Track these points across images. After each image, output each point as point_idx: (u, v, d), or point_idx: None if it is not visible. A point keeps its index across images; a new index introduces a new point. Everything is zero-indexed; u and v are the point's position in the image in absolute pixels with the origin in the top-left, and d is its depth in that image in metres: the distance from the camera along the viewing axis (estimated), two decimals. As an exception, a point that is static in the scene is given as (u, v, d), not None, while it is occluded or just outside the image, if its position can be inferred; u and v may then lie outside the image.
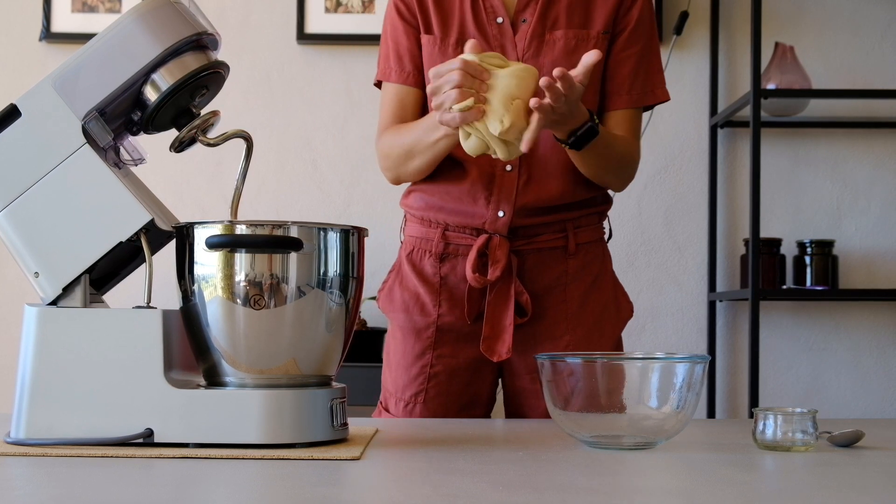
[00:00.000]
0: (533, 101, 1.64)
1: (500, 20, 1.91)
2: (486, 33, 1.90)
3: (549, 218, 1.92)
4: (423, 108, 1.96)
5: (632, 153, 1.95)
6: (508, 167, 1.90)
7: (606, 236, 2.04)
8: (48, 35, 3.59)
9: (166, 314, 1.38)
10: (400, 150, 1.90)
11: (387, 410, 1.97)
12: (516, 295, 1.90)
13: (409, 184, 2.01)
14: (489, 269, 1.89)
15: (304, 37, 3.60)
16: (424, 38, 1.93)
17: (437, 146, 1.83)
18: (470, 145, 1.70)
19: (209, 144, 1.49)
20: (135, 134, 1.53)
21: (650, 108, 2.00)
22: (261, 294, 1.35)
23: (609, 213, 2.04)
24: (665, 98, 1.98)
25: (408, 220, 2.02)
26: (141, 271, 1.46)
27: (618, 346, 2.00)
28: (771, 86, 3.46)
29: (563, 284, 1.94)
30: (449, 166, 1.92)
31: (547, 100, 1.65)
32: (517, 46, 1.89)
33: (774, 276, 3.47)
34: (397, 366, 1.97)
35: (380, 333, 3.39)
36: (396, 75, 1.95)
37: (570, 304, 1.94)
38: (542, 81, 1.64)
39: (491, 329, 1.89)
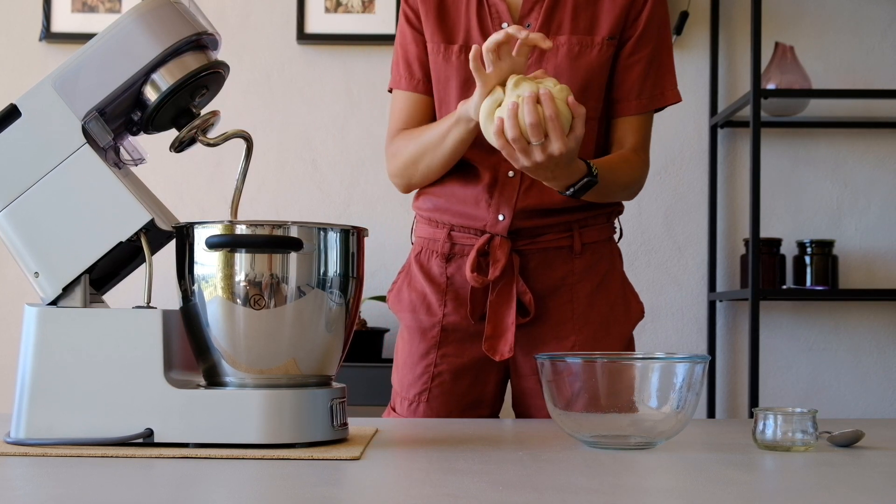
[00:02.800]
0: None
1: (505, 25, 1.89)
2: None
3: (553, 220, 1.92)
4: (432, 116, 1.96)
5: (637, 175, 1.93)
6: (511, 173, 1.89)
7: (617, 236, 2.03)
8: (48, 35, 3.59)
9: (166, 314, 1.38)
10: (412, 150, 1.89)
11: (394, 410, 1.98)
12: (519, 294, 1.90)
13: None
14: (489, 269, 1.89)
15: (304, 37, 3.61)
16: (429, 46, 1.92)
17: (449, 136, 1.81)
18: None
19: (209, 144, 1.49)
20: (135, 134, 1.53)
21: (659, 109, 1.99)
22: (261, 294, 1.35)
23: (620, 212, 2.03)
24: (676, 99, 1.96)
25: (417, 221, 2.02)
26: (141, 271, 1.47)
27: (628, 346, 1.99)
28: (771, 86, 3.46)
29: (569, 284, 1.93)
30: (458, 170, 1.92)
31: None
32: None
33: (774, 276, 3.47)
34: (403, 365, 1.97)
35: (380, 333, 3.39)
36: (406, 83, 1.95)
37: (576, 303, 1.93)
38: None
39: (493, 328, 1.89)
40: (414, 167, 1.91)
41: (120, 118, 1.48)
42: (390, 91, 2.00)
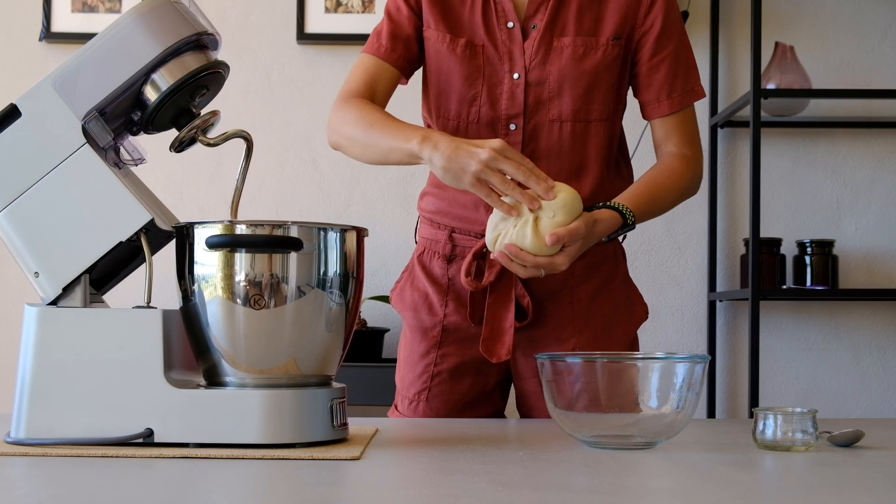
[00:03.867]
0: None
1: (510, 25, 1.88)
2: (496, 38, 1.87)
3: None
4: (392, 89, 1.93)
5: (686, 181, 1.93)
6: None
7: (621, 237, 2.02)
8: (48, 35, 3.59)
9: (166, 314, 1.38)
10: (359, 134, 1.83)
11: (397, 408, 1.98)
12: (518, 298, 1.89)
13: (425, 186, 2.00)
14: (485, 273, 1.87)
15: (304, 37, 3.60)
16: (431, 33, 1.90)
17: (393, 153, 1.78)
18: (495, 245, 1.72)
19: (209, 144, 1.49)
20: (135, 134, 1.53)
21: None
22: (261, 294, 1.35)
23: None
24: (702, 94, 1.96)
25: (421, 221, 2.01)
26: (141, 271, 1.47)
27: (632, 347, 1.97)
28: (771, 86, 3.46)
29: (570, 287, 1.92)
30: None
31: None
32: (525, 52, 1.87)
33: (774, 276, 3.47)
34: (405, 363, 1.98)
35: (380, 333, 3.39)
36: (385, 52, 1.90)
37: (577, 306, 1.92)
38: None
39: (490, 331, 1.88)
40: (351, 146, 1.86)
41: (120, 118, 1.48)
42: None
